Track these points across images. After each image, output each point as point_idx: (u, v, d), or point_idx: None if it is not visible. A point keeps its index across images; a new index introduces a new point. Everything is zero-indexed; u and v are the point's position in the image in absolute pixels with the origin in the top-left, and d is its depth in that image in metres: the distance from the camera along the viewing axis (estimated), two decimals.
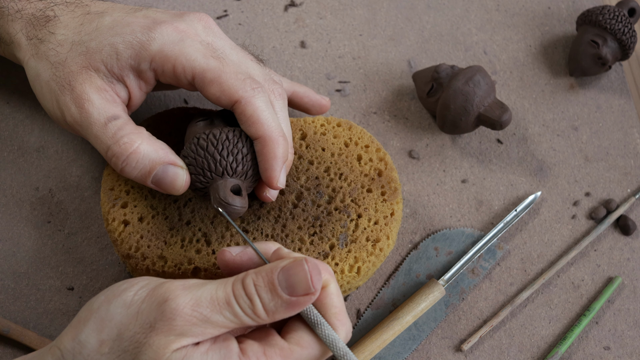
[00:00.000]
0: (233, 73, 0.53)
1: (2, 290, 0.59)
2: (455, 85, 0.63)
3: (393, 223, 0.57)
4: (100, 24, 0.55)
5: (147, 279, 0.47)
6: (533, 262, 0.63)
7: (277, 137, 0.53)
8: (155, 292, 0.45)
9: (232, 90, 0.53)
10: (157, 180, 0.53)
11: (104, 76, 0.54)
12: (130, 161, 0.52)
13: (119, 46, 0.54)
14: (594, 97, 0.70)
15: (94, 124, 0.53)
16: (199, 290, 0.45)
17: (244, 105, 0.53)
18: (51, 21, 0.56)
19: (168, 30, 0.54)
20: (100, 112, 0.53)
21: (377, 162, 0.59)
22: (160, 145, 0.53)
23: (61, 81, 0.54)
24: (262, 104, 0.53)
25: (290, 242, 0.56)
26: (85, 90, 0.54)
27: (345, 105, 0.68)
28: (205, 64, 0.53)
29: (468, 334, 0.60)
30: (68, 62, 0.54)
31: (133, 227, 0.56)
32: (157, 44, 0.54)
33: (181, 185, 0.53)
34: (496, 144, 0.68)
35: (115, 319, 0.45)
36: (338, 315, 0.48)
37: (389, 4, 0.73)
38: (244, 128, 0.53)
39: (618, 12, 0.67)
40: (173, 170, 0.53)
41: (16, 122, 0.65)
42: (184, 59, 0.53)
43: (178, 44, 0.54)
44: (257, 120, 0.53)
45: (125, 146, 0.52)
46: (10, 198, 0.63)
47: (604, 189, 0.66)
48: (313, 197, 0.58)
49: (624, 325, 0.61)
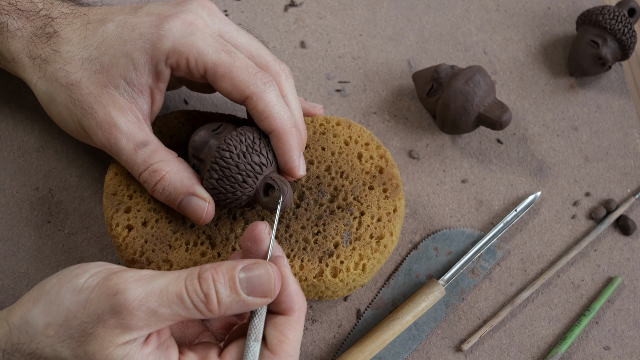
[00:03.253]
0: (244, 67, 0.53)
1: (2, 290, 0.59)
2: (455, 85, 0.63)
3: (396, 219, 0.57)
4: (106, 33, 0.55)
5: (101, 264, 0.47)
6: (533, 262, 0.63)
7: (291, 129, 0.54)
8: (107, 282, 0.44)
9: (244, 85, 0.53)
10: (182, 208, 0.55)
11: (124, 92, 0.54)
12: (158, 188, 0.54)
13: (133, 55, 0.54)
14: (594, 97, 0.70)
15: (123, 151, 0.54)
16: (150, 284, 0.44)
17: (255, 101, 0.53)
18: (52, 38, 0.56)
19: (176, 24, 0.54)
20: (129, 137, 0.54)
21: (377, 159, 0.59)
22: (187, 174, 0.54)
23: (82, 104, 0.54)
24: (273, 97, 0.54)
25: (295, 242, 0.56)
26: (109, 114, 0.54)
27: (345, 105, 0.68)
28: (217, 58, 0.53)
29: (468, 334, 0.60)
30: (83, 82, 0.54)
31: (137, 232, 0.56)
32: (169, 41, 0.54)
33: (201, 216, 0.54)
34: (496, 144, 0.68)
35: (64, 305, 0.45)
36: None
37: (389, 4, 0.73)
38: (257, 122, 0.54)
39: (618, 12, 0.67)
40: (196, 202, 0.54)
41: (16, 122, 0.65)
42: (196, 53, 0.53)
43: (189, 38, 0.54)
44: (269, 115, 0.53)
45: (155, 174, 0.54)
46: (10, 198, 0.63)
47: (604, 189, 0.66)
48: (315, 196, 0.58)
49: (623, 325, 0.61)
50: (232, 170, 0.53)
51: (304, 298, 0.48)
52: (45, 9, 0.57)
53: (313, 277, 0.55)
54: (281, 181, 0.53)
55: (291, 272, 0.48)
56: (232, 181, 0.53)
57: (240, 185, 0.53)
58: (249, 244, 0.49)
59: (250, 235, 0.49)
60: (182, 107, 0.67)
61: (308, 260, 0.55)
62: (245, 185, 0.53)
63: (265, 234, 0.49)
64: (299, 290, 0.47)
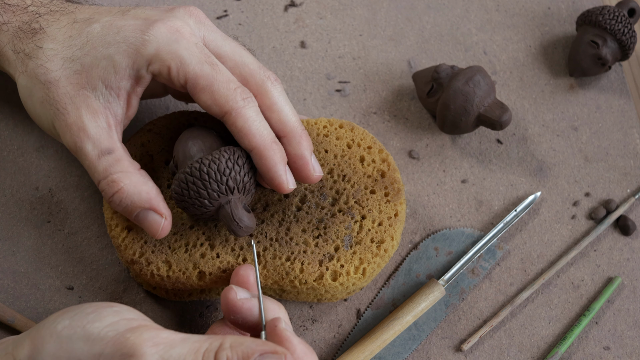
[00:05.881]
0: (225, 82, 0.53)
1: (2, 290, 0.59)
2: (455, 86, 0.63)
3: (397, 224, 0.57)
4: (91, 34, 0.54)
5: (117, 312, 0.45)
6: (533, 262, 0.63)
7: (271, 144, 0.53)
8: (123, 340, 0.43)
9: (223, 100, 0.53)
10: (138, 222, 0.54)
11: (100, 95, 0.54)
12: (114, 199, 0.53)
13: (115, 58, 0.53)
14: (594, 97, 0.70)
15: (87, 156, 0.53)
16: (167, 352, 0.42)
17: (234, 117, 0.53)
18: (37, 34, 0.55)
19: (162, 30, 0.53)
20: (95, 143, 0.53)
21: (379, 163, 0.59)
22: (146, 188, 0.53)
23: (56, 104, 0.53)
24: (252, 113, 0.53)
25: (295, 244, 0.56)
26: (81, 116, 0.53)
27: (345, 106, 0.68)
28: (199, 70, 0.53)
29: (468, 334, 0.61)
30: (62, 81, 0.53)
31: (136, 233, 0.56)
32: (153, 46, 0.53)
33: (156, 231, 0.54)
34: (496, 144, 0.68)
35: (76, 352, 0.43)
36: None
37: (389, 4, 0.73)
38: (237, 140, 0.54)
39: (618, 13, 0.67)
40: (152, 217, 0.53)
41: (16, 122, 0.65)
42: (179, 62, 0.53)
43: (173, 45, 0.53)
44: (248, 132, 0.53)
45: (112, 185, 0.53)
46: (10, 197, 0.62)
47: (604, 189, 0.66)
48: (317, 199, 0.58)
49: (623, 326, 0.61)
50: (212, 176, 0.53)
51: (313, 354, 0.46)
52: (33, 5, 0.57)
53: (313, 281, 0.55)
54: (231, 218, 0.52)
55: (293, 333, 0.46)
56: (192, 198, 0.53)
57: (201, 203, 0.53)
58: (232, 317, 0.48)
59: (227, 310, 0.48)
60: (182, 108, 0.67)
61: (308, 264, 0.55)
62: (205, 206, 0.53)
63: (239, 301, 0.47)
64: (305, 349, 0.46)
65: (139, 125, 0.65)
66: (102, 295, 0.60)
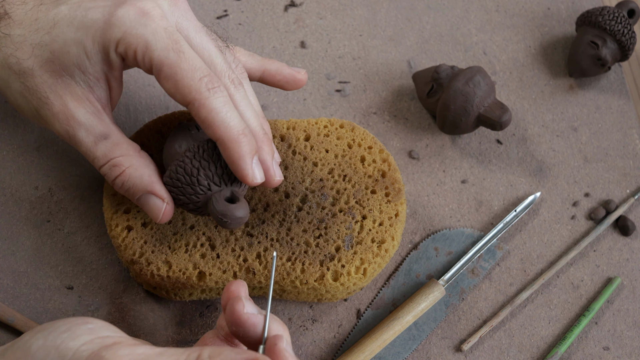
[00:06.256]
0: (190, 71, 0.50)
1: (1, 289, 0.59)
2: (455, 86, 0.63)
3: (398, 224, 0.57)
4: (57, 16, 0.52)
5: (92, 330, 0.43)
6: (533, 263, 0.63)
7: (237, 136, 0.51)
8: (97, 358, 0.41)
9: (186, 90, 0.51)
10: (140, 204, 0.54)
11: (80, 81, 0.52)
12: (117, 182, 0.53)
13: (85, 43, 0.51)
14: (594, 98, 0.70)
15: (82, 143, 0.53)
16: None
17: (197, 108, 0.51)
18: (3, 20, 0.53)
19: (130, 13, 0.51)
20: (88, 130, 0.52)
21: (380, 163, 0.59)
22: (148, 171, 0.53)
23: (37, 94, 0.52)
24: (218, 104, 0.51)
25: (296, 245, 0.56)
26: (66, 104, 0.52)
27: (345, 106, 0.68)
28: (164, 56, 0.50)
29: (468, 334, 0.61)
30: (36, 71, 0.52)
31: (136, 233, 0.56)
32: (119, 30, 0.51)
33: (157, 216, 0.53)
34: (496, 145, 0.68)
35: None
36: None
37: (389, 4, 0.73)
38: (203, 129, 0.52)
39: (617, 13, 0.67)
40: (153, 201, 0.53)
41: (16, 121, 0.65)
42: (144, 47, 0.51)
43: (139, 29, 0.51)
44: (212, 123, 0.50)
45: (115, 169, 0.53)
46: (9, 197, 0.62)
47: (604, 190, 0.66)
48: (318, 199, 0.58)
49: (623, 326, 0.61)
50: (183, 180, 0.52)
51: None
52: None
53: (314, 281, 0.55)
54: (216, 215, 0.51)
55: (293, 356, 0.44)
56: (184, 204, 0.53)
57: (191, 207, 0.53)
58: (235, 329, 0.46)
59: (231, 320, 0.46)
60: (182, 107, 0.67)
61: (309, 264, 0.55)
62: (196, 209, 0.53)
63: (245, 314, 0.45)
64: None
65: (139, 125, 0.65)
66: (102, 295, 0.60)
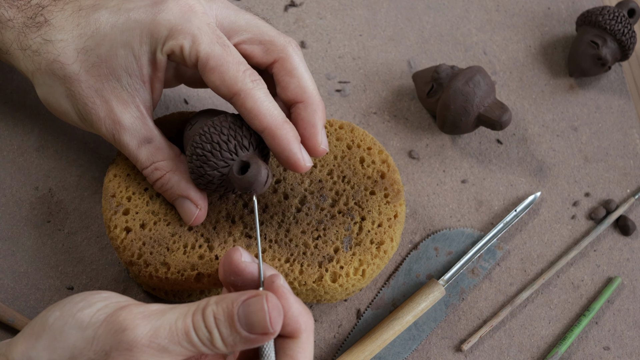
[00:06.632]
0: (235, 64, 0.52)
1: (1, 290, 0.59)
2: (455, 86, 0.63)
3: (397, 225, 0.57)
4: (99, 21, 0.54)
5: (107, 297, 0.45)
6: (533, 263, 0.63)
7: (282, 124, 0.52)
8: (114, 318, 0.43)
9: (232, 81, 0.52)
10: (176, 206, 0.56)
11: (127, 85, 0.54)
12: (157, 184, 0.56)
13: (132, 44, 0.53)
14: (594, 97, 0.70)
15: (127, 147, 0.55)
16: (158, 320, 0.43)
17: (243, 98, 0.52)
18: (43, 27, 0.54)
19: (174, 10, 0.53)
20: (133, 134, 0.54)
21: (379, 164, 0.59)
22: (186, 176, 0.55)
23: (83, 98, 0.54)
24: (261, 94, 0.52)
25: (295, 246, 0.56)
26: (112, 109, 0.54)
27: (345, 106, 0.68)
28: (210, 49, 0.52)
29: (468, 334, 0.61)
30: (82, 75, 0.53)
31: (135, 234, 0.56)
32: (166, 27, 0.52)
33: (189, 219, 0.55)
34: (496, 144, 0.68)
35: (70, 341, 0.43)
36: None
37: (389, 4, 0.73)
38: (247, 121, 0.53)
39: (618, 13, 0.67)
40: (187, 206, 0.55)
41: (16, 121, 0.65)
42: (191, 41, 0.52)
43: (186, 25, 0.52)
44: (258, 112, 0.52)
45: (156, 173, 0.55)
46: (9, 197, 0.62)
47: (604, 190, 0.66)
48: (317, 200, 0.58)
49: (623, 326, 0.61)
50: (205, 147, 0.52)
51: (309, 315, 0.46)
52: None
53: (312, 282, 0.55)
54: (256, 163, 0.51)
55: (291, 292, 0.46)
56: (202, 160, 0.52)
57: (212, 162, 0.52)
58: (233, 279, 0.47)
59: (229, 270, 0.47)
60: (182, 108, 0.67)
61: (308, 265, 0.55)
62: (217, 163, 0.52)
63: (242, 263, 0.47)
64: (302, 308, 0.45)
65: None
66: None
